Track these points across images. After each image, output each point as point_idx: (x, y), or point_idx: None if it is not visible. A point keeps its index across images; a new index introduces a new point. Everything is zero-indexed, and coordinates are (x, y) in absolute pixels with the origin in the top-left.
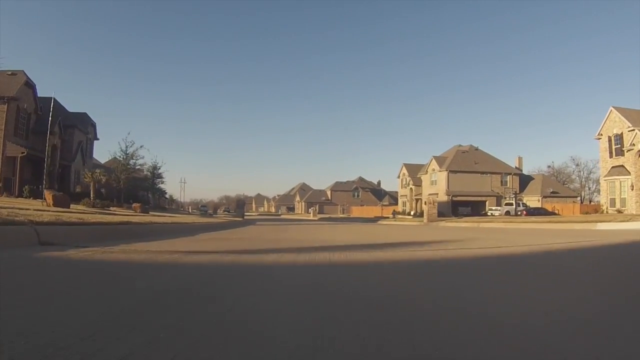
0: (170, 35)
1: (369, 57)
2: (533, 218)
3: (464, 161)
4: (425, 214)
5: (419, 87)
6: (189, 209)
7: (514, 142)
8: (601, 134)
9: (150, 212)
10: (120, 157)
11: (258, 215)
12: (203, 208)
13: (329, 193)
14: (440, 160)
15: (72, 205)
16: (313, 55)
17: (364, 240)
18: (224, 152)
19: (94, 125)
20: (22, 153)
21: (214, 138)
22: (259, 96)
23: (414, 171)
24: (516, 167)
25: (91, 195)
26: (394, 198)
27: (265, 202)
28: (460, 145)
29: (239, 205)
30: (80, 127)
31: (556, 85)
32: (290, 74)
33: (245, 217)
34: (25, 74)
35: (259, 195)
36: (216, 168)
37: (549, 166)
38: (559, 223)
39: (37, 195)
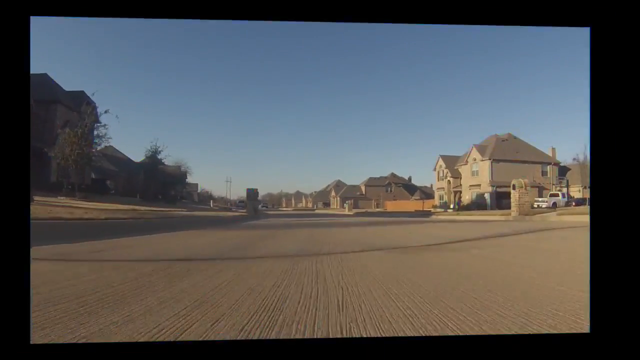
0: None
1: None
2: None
3: (506, 150)
4: (513, 205)
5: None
6: (210, 204)
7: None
8: None
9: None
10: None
11: (293, 210)
12: (240, 204)
13: (363, 188)
14: (481, 149)
15: None
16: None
17: None
18: (271, 154)
19: (92, 106)
20: None
21: (259, 141)
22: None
23: (451, 163)
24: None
25: None
26: (424, 193)
27: (303, 199)
28: (497, 135)
29: (250, 197)
30: (68, 103)
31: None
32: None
33: (271, 212)
34: None
35: (297, 192)
36: (263, 168)
37: (574, 159)
38: None
39: None
